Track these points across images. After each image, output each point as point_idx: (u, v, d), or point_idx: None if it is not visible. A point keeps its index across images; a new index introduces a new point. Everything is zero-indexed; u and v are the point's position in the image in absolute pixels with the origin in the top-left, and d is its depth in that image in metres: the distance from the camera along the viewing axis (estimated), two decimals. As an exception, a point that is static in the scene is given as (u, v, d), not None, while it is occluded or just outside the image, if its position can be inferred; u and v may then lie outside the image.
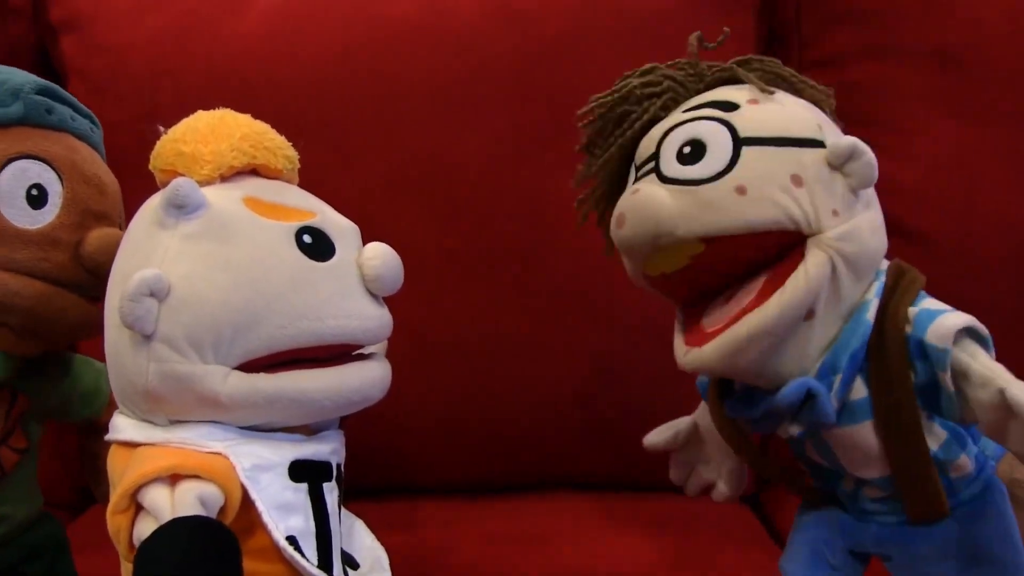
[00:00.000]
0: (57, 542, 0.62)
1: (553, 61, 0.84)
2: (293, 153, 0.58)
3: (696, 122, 0.51)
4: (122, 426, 0.52)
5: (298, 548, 0.50)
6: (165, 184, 0.54)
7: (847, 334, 0.49)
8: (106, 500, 0.65)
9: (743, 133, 0.49)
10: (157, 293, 0.48)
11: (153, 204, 0.53)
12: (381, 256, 0.54)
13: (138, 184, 0.56)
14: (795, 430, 0.50)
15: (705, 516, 0.81)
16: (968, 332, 0.47)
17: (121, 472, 0.49)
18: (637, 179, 0.53)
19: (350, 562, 0.57)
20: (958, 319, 0.47)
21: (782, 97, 0.52)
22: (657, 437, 0.64)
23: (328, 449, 0.54)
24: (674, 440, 0.64)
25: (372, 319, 0.54)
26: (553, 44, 0.84)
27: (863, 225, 0.49)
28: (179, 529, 0.44)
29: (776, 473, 0.57)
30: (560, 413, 0.85)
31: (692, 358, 0.51)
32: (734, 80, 0.54)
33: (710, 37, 0.58)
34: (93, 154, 0.60)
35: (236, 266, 0.50)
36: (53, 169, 0.56)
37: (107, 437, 0.52)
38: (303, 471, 0.52)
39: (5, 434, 0.57)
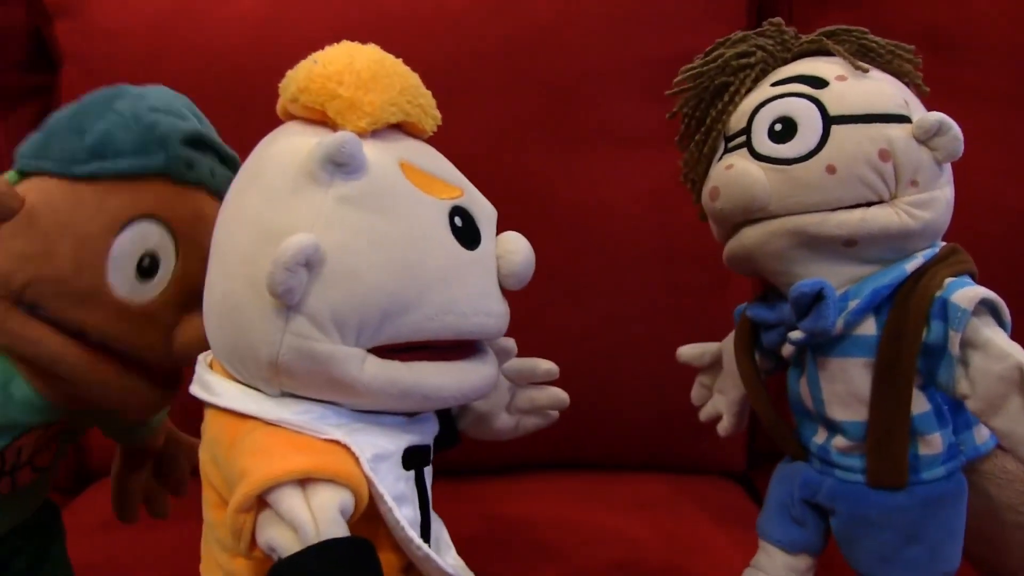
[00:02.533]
0: (50, 532, 0.61)
1: (544, 48, 0.84)
2: (438, 114, 0.54)
3: (787, 99, 0.53)
4: (223, 390, 0.48)
5: None
6: (295, 118, 0.51)
7: (881, 273, 0.51)
8: (122, 516, 0.64)
9: (832, 111, 0.51)
10: (312, 264, 0.44)
11: (298, 147, 0.48)
12: (522, 252, 0.52)
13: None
14: (796, 335, 0.52)
15: (696, 494, 0.82)
16: (992, 310, 0.49)
17: (230, 444, 0.46)
18: (727, 151, 0.55)
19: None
20: (987, 292, 0.49)
21: (870, 72, 0.54)
22: (688, 350, 0.66)
23: (429, 431, 0.52)
24: (700, 358, 0.66)
25: (503, 317, 0.52)
26: (544, 31, 0.84)
27: (940, 197, 0.52)
28: (329, 553, 0.41)
29: (768, 411, 0.58)
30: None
31: (732, 242, 0.55)
32: (821, 52, 0.56)
33: (698, 19, 0.58)
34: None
35: (393, 245, 0.46)
36: (172, 237, 0.52)
37: (201, 396, 0.49)
38: (412, 458, 0.50)
39: (33, 455, 0.54)
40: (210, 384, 0.49)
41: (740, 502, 0.84)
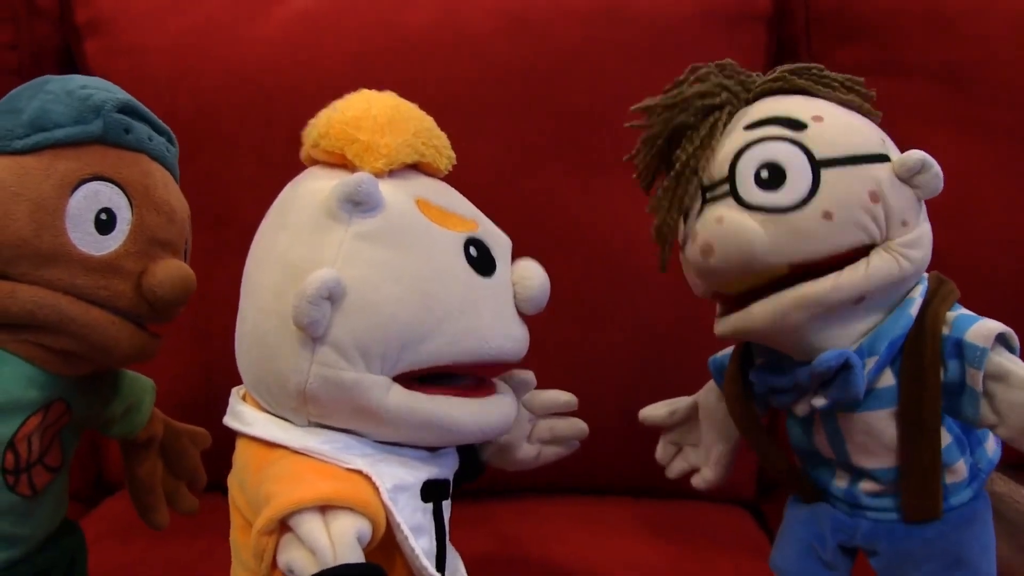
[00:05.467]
0: (75, 560, 0.61)
1: (564, 72, 0.85)
2: (453, 154, 0.56)
3: (768, 143, 0.51)
4: (254, 419, 0.51)
5: None
6: (318, 162, 0.54)
7: (891, 323, 0.51)
8: (149, 521, 0.64)
9: (819, 155, 0.50)
10: (334, 296, 0.47)
11: (320, 189, 0.50)
12: (537, 278, 0.54)
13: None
14: (819, 402, 0.51)
15: (706, 522, 0.82)
16: (1003, 340, 0.49)
17: (257, 470, 0.48)
18: (707, 201, 0.53)
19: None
20: (998, 324, 0.49)
21: (840, 111, 0.53)
22: (653, 411, 0.66)
23: (449, 466, 0.53)
24: (669, 417, 0.65)
25: (521, 340, 0.54)
26: (565, 56, 0.85)
27: (926, 233, 0.52)
28: None
29: (777, 461, 0.58)
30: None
31: (736, 318, 0.53)
32: (783, 91, 0.54)
33: (721, 51, 0.59)
34: (166, 177, 0.57)
35: (410, 277, 0.48)
36: (125, 194, 0.53)
37: (234, 426, 0.51)
38: (431, 491, 0.51)
39: (43, 451, 0.55)
40: (242, 414, 0.51)
41: (750, 530, 0.83)
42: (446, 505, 0.53)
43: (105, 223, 0.52)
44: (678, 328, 0.86)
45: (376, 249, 0.48)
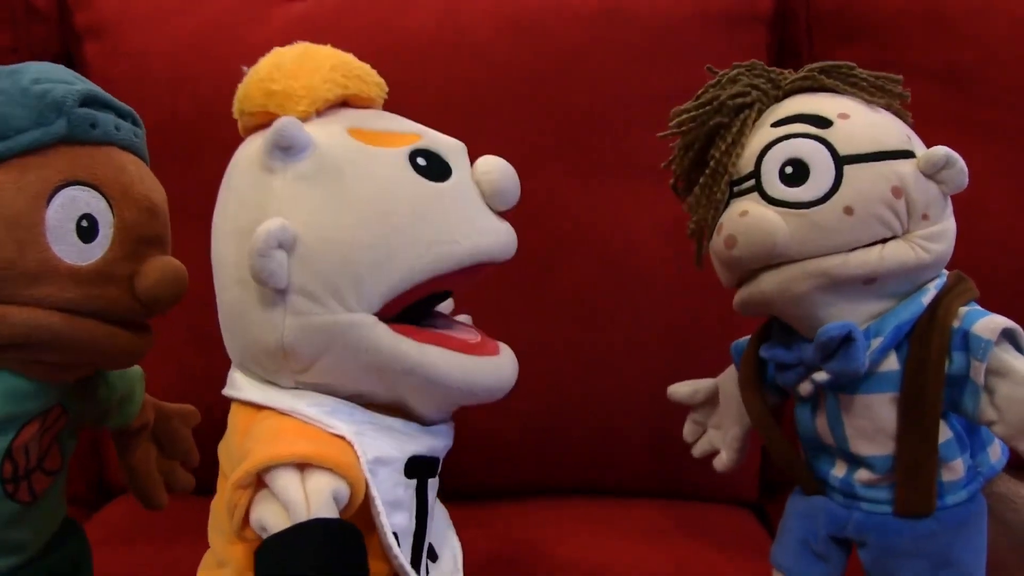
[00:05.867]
0: (79, 562, 0.60)
1: (565, 74, 0.85)
2: (382, 80, 0.55)
3: (793, 140, 0.52)
4: (242, 384, 0.50)
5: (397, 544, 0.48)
6: (253, 129, 0.53)
7: (901, 308, 0.52)
8: (147, 503, 0.64)
9: (842, 151, 0.51)
10: (285, 244, 0.46)
11: (252, 150, 0.50)
12: (498, 169, 0.52)
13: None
14: (821, 377, 0.53)
15: (709, 523, 0.82)
16: (1011, 338, 0.50)
17: (244, 432, 0.48)
18: (735, 195, 0.55)
19: (431, 553, 0.54)
20: (1007, 320, 0.50)
21: (867, 109, 0.54)
22: (678, 389, 0.67)
23: (441, 445, 0.52)
24: (692, 396, 0.66)
25: (501, 232, 0.52)
26: (565, 57, 0.85)
27: (949, 228, 0.53)
28: (318, 532, 0.42)
29: (781, 447, 0.58)
30: (565, 419, 0.86)
31: (747, 287, 0.54)
32: (813, 88, 0.56)
33: (722, 52, 0.59)
34: (140, 167, 0.55)
35: (359, 202, 0.47)
36: (102, 195, 0.51)
37: (226, 392, 0.51)
38: (416, 467, 0.50)
39: (41, 455, 0.54)
40: (234, 381, 0.51)
41: (753, 531, 0.83)
42: (432, 483, 0.52)
43: (87, 230, 0.50)
44: (679, 329, 0.86)
45: (315, 187, 0.47)
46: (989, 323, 0.49)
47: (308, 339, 0.47)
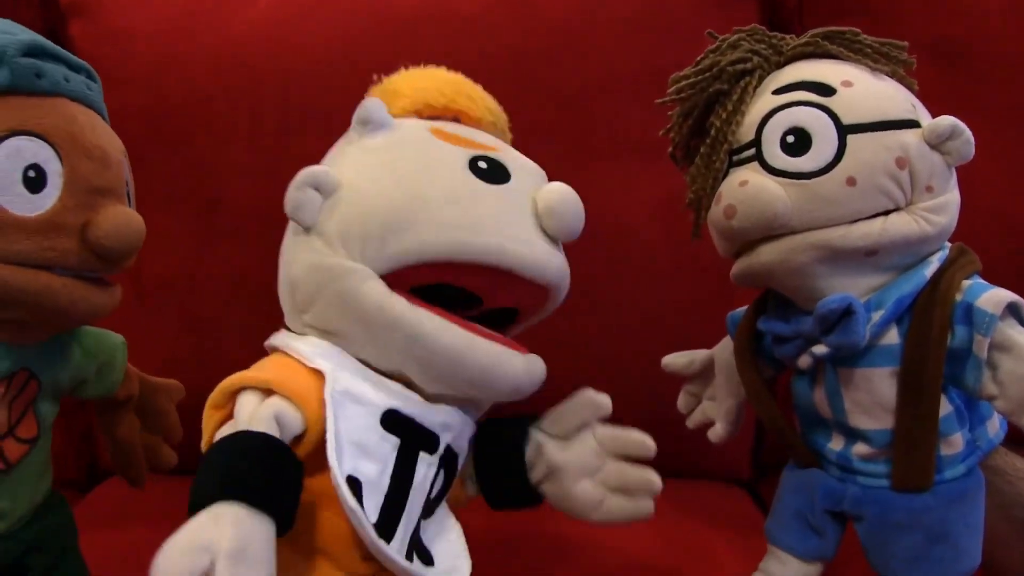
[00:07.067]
0: (63, 534, 0.59)
1: (557, 54, 0.84)
2: (495, 107, 0.58)
3: (795, 108, 0.51)
4: (276, 334, 0.53)
5: (358, 494, 0.46)
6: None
7: (902, 281, 0.51)
8: (131, 480, 0.65)
9: (846, 120, 0.50)
10: (322, 187, 0.49)
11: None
12: (560, 191, 0.51)
13: (146, 170, 0.56)
14: (821, 350, 0.52)
15: (702, 501, 0.82)
16: (1015, 312, 0.49)
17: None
18: (733, 164, 0.54)
19: (425, 556, 0.52)
20: (1011, 294, 0.49)
21: (871, 76, 0.53)
22: (673, 360, 0.67)
23: (438, 420, 0.50)
24: (688, 366, 0.66)
25: (539, 249, 0.50)
26: (557, 34, 0.84)
27: (952, 200, 0.52)
28: (240, 443, 0.43)
29: (776, 418, 0.58)
30: (557, 399, 0.85)
31: (745, 257, 0.54)
32: (815, 54, 0.55)
33: (713, 28, 0.58)
34: (92, 118, 0.53)
35: (402, 171, 0.50)
36: (50, 145, 0.49)
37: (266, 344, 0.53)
38: (398, 425, 0.49)
39: (13, 424, 0.52)
40: (276, 335, 0.53)
41: (747, 509, 0.84)
42: (425, 458, 0.50)
43: (34, 180, 0.49)
44: (670, 308, 0.86)
45: (375, 155, 0.51)
46: (993, 297, 0.49)
47: (310, 277, 0.49)
